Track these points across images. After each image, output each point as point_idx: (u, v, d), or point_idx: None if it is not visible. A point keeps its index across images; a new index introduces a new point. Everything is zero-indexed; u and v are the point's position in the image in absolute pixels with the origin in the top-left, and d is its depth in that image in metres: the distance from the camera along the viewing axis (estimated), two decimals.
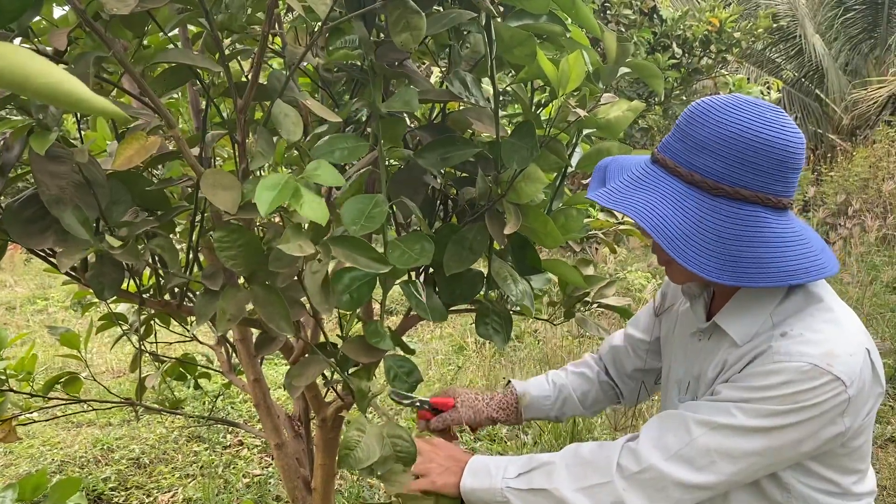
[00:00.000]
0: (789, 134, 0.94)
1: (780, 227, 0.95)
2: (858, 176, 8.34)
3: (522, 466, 1.10)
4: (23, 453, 3.58)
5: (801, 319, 0.98)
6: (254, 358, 1.54)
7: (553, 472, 1.06)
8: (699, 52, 7.48)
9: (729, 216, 0.94)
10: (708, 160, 0.94)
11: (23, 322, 6.31)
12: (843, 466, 1.03)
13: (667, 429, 1.01)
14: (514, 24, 1.08)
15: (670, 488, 0.98)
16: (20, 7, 0.59)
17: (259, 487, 3.19)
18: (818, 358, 0.93)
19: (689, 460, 0.98)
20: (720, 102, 0.96)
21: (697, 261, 0.94)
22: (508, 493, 1.08)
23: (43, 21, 1.11)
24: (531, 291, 1.25)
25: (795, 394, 0.93)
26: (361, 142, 1.04)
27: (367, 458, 1.02)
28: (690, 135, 0.97)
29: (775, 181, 0.94)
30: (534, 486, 1.06)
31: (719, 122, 0.94)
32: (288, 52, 1.21)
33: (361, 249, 0.97)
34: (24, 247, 1.02)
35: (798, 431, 0.94)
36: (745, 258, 0.94)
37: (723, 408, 0.98)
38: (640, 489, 1.00)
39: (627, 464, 1.01)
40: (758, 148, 0.92)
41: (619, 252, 6.05)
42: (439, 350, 5.03)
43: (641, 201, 0.98)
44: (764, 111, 0.95)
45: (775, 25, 10.39)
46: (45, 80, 0.34)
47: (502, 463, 1.12)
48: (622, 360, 1.45)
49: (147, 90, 0.94)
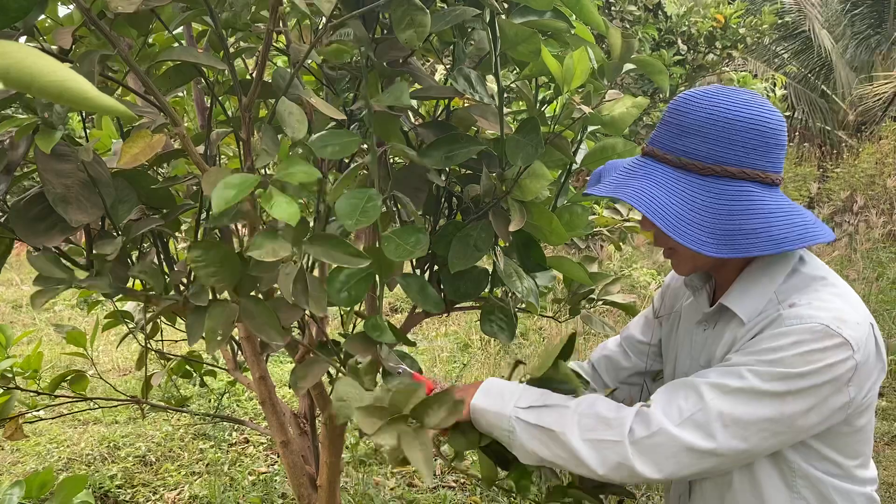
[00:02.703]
0: (766, 112, 1.01)
1: (769, 200, 1.00)
2: (864, 172, 8.31)
3: (535, 400, 1.09)
4: (29, 451, 3.59)
5: (806, 293, 1.01)
6: (259, 356, 1.54)
7: (565, 416, 1.05)
8: (704, 48, 7.45)
9: (719, 193, 1.00)
10: (693, 143, 1.01)
11: (29, 320, 6.34)
12: (846, 447, 1.04)
13: (678, 394, 1.01)
14: (518, 20, 1.08)
15: (681, 454, 0.98)
16: (25, 5, 0.59)
17: (265, 485, 3.20)
18: (829, 320, 0.95)
19: (701, 425, 0.97)
20: (700, 91, 1.04)
21: (694, 237, 0.99)
22: (516, 423, 1.07)
23: (48, 20, 1.11)
24: (536, 288, 1.25)
25: (807, 353, 0.94)
26: (354, 137, 1.03)
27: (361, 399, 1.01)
28: (675, 123, 1.04)
29: (759, 156, 1.00)
30: (542, 423, 1.05)
31: (701, 108, 1.01)
32: (292, 49, 1.21)
33: (338, 247, 0.96)
34: (29, 245, 1.02)
35: (808, 398, 0.95)
36: (738, 231, 0.98)
37: (735, 371, 0.98)
38: (649, 454, 0.99)
39: (638, 428, 1.00)
40: (737, 126, 0.99)
41: (623, 249, 6.05)
42: (444, 347, 5.03)
43: (636, 188, 1.03)
44: (741, 94, 1.02)
45: (781, 21, 10.35)
46: (51, 78, 0.34)
47: (517, 390, 1.11)
48: (620, 363, 1.43)
49: (152, 88, 0.94)
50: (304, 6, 0.94)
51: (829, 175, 8.99)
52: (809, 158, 10.05)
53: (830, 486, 1.04)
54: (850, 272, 5.31)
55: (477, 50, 1.24)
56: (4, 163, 0.98)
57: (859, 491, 1.06)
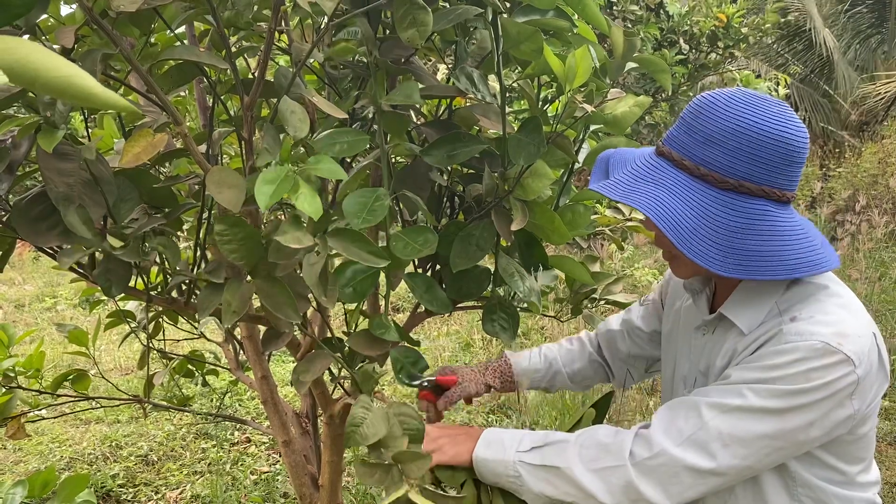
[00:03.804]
0: (794, 128, 0.95)
1: (783, 220, 0.97)
2: (867, 172, 8.30)
3: (536, 441, 1.09)
4: (32, 450, 3.60)
5: (808, 305, 0.99)
6: (261, 355, 1.54)
7: (567, 451, 1.05)
8: (706, 47, 7.44)
9: (735, 209, 0.95)
10: (714, 153, 0.96)
11: (31, 319, 6.34)
12: (848, 454, 1.03)
13: (678, 414, 1.01)
14: (520, 19, 1.08)
15: (682, 474, 0.97)
16: (28, 2, 0.59)
17: (267, 484, 3.20)
18: (829, 337, 0.93)
19: (702, 445, 0.97)
20: (726, 96, 0.97)
21: (705, 254, 0.95)
22: (520, 468, 1.07)
23: (50, 19, 1.11)
24: (538, 288, 1.25)
25: (807, 371, 0.93)
26: (362, 136, 1.03)
27: (374, 434, 1.00)
28: (697, 128, 0.98)
29: (780, 175, 0.95)
30: (546, 463, 1.05)
31: (726, 116, 0.95)
32: (294, 48, 1.21)
33: (359, 242, 0.97)
34: (32, 244, 1.02)
35: (809, 413, 0.94)
36: (750, 251, 0.95)
37: (734, 390, 0.97)
38: (652, 476, 0.99)
39: (639, 450, 1.00)
40: (764, 142, 0.94)
41: (625, 249, 6.04)
42: (446, 347, 5.03)
43: (650, 195, 0.99)
44: (770, 105, 0.96)
45: (783, 20, 10.33)
46: (56, 74, 0.34)
47: (517, 436, 1.11)
48: (617, 343, 1.46)
49: (154, 87, 0.94)
50: (306, 5, 0.94)
51: (831, 174, 8.97)
52: (812, 158, 10.03)
53: (832, 495, 1.03)
54: (852, 272, 5.30)
55: (479, 49, 1.24)
56: (7, 162, 0.98)
57: (860, 497, 1.05)
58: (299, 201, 0.85)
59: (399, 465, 1.02)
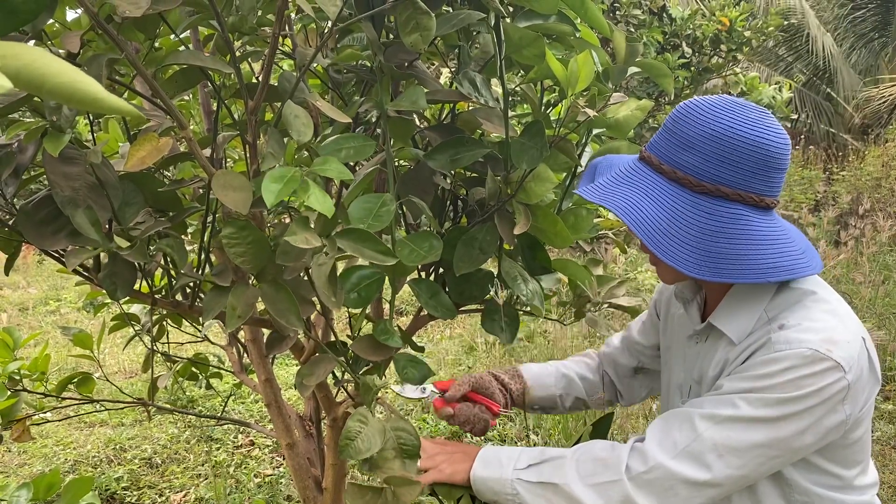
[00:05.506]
0: (772, 134, 0.96)
1: (761, 225, 0.97)
2: (870, 175, 8.28)
3: (533, 458, 1.09)
4: (36, 453, 3.61)
5: (796, 311, 0.99)
6: (265, 358, 1.54)
7: (564, 467, 1.05)
8: (709, 51, 7.45)
9: (710, 213, 0.96)
10: (690, 157, 0.97)
11: (36, 323, 6.36)
12: (844, 458, 1.03)
13: (672, 426, 1.01)
14: (523, 24, 1.08)
15: (678, 486, 0.98)
16: (34, 9, 0.59)
17: (270, 487, 3.20)
18: (818, 344, 0.94)
19: (696, 456, 0.97)
20: (707, 102, 0.98)
21: (677, 256, 0.96)
22: (518, 485, 1.07)
23: (56, 24, 1.12)
24: (541, 291, 1.25)
25: (798, 379, 0.93)
26: (368, 141, 1.04)
27: (368, 448, 1.00)
28: (676, 133, 0.99)
29: (757, 180, 0.96)
30: (543, 479, 1.05)
31: (704, 122, 0.96)
32: (298, 53, 1.22)
33: (368, 242, 0.97)
34: (37, 248, 1.03)
35: (802, 421, 0.94)
36: (725, 254, 0.96)
37: (727, 400, 0.98)
38: (649, 489, 0.99)
39: (635, 464, 1.01)
40: (740, 146, 0.94)
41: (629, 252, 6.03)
42: (449, 350, 5.03)
43: (625, 197, 1.00)
44: (749, 111, 0.97)
45: (786, 23, 10.33)
46: (62, 80, 0.34)
47: (514, 454, 1.11)
48: (620, 362, 1.46)
49: (159, 92, 0.95)
50: (309, 10, 0.94)
51: (834, 178, 8.96)
52: (815, 161, 10.02)
53: (829, 500, 1.03)
54: (856, 275, 5.28)
55: (482, 53, 1.25)
56: (13, 166, 0.99)
57: (858, 500, 1.05)
58: (311, 199, 0.85)
59: (391, 489, 1.02)
